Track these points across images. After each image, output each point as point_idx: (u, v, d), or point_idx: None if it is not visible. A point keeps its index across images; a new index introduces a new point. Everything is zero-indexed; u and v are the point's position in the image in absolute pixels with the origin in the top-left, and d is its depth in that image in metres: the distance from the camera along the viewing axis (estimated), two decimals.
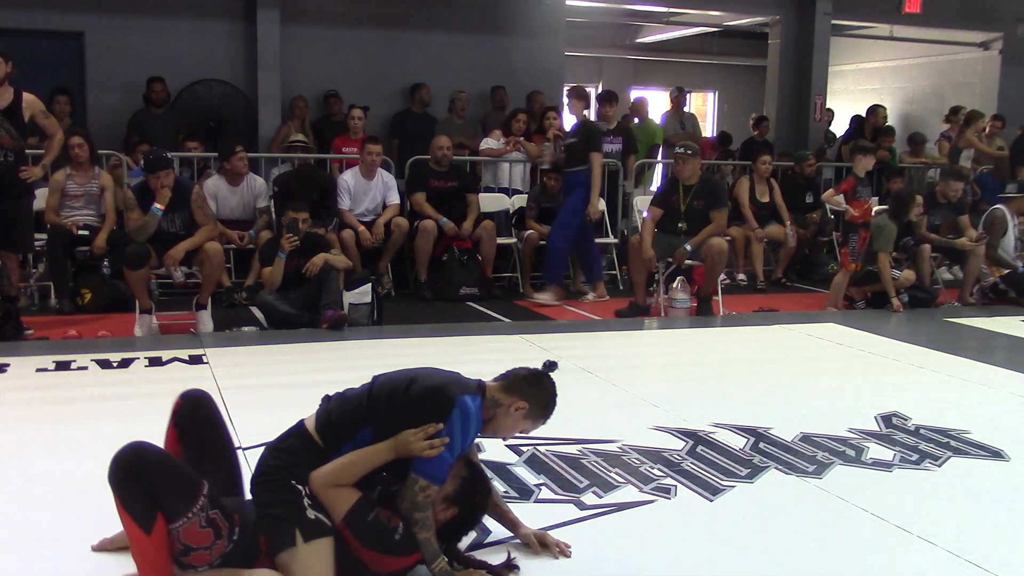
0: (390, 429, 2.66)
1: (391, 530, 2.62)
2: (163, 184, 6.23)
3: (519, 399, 2.79)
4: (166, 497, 2.50)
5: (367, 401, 2.73)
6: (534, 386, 2.83)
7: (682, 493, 3.52)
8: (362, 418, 2.70)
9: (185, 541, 2.53)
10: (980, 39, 13.53)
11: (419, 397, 2.69)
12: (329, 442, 2.70)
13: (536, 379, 2.85)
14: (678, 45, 16.10)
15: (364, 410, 2.72)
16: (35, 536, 3.03)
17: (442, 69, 10.27)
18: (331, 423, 2.73)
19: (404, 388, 2.71)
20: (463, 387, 2.74)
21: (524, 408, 2.80)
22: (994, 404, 4.94)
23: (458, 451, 2.69)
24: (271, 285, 6.59)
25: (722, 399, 4.83)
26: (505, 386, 2.82)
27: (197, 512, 2.53)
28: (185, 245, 6.33)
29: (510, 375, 2.87)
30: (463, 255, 8.08)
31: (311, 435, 2.72)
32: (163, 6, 9.57)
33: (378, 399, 2.72)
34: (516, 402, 2.79)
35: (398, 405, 2.69)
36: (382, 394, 2.73)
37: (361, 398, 2.76)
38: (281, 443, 2.75)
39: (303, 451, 2.70)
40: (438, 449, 2.62)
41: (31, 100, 6.39)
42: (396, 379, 2.78)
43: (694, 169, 7.33)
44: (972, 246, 8.28)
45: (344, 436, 2.70)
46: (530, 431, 2.93)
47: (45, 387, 4.93)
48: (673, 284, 7.48)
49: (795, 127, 11.73)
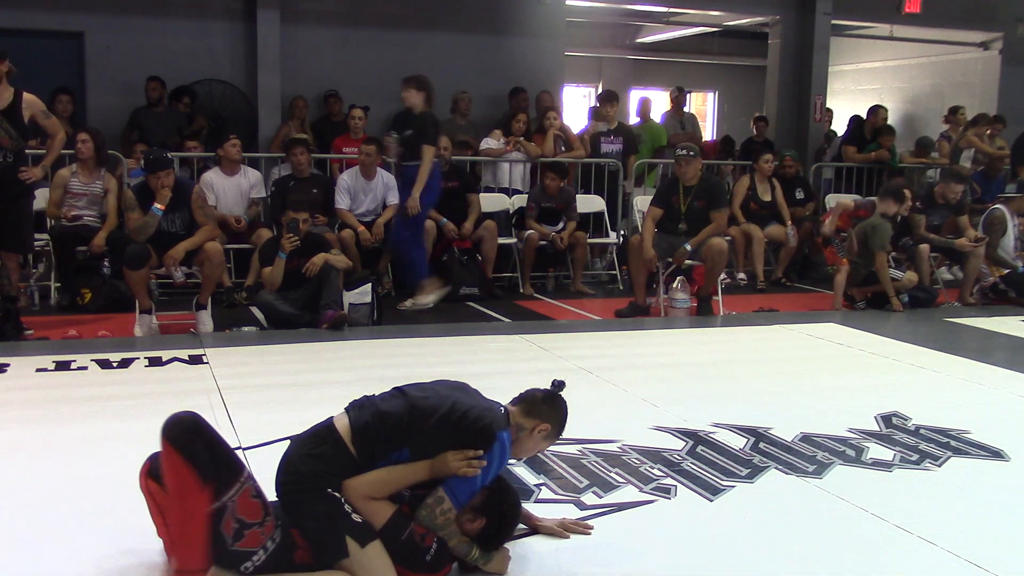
0: (428, 452, 2.73)
1: (424, 550, 2.69)
2: (163, 184, 6.23)
3: (541, 421, 2.90)
4: (221, 461, 2.51)
5: (407, 423, 2.75)
6: (552, 407, 2.94)
7: (682, 493, 3.52)
8: (401, 439, 2.74)
9: (240, 516, 2.52)
10: (980, 39, 13.54)
11: (462, 427, 2.75)
12: (364, 455, 2.71)
13: (552, 399, 2.96)
14: (678, 45, 16.10)
15: (404, 431, 2.74)
16: (35, 536, 3.02)
17: (442, 69, 10.23)
18: (369, 438, 2.72)
19: (445, 414, 2.76)
20: (498, 421, 2.82)
21: (547, 430, 2.92)
22: (994, 404, 4.94)
23: (487, 482, 2.77)
24: (271, 285, 6.59)
25: (722, 399, 4.83)
26: (526, 410, 2.91)
27: (246, 480, 2.55)
28: (185, 245, 6.33)
29: (527, 398, 2.96)
30: (463, 255, 8.08)
31: (346, 445, 2.70)
32: (163, 6, 9.56)
33: (419, 422, 2.75)
34: (539, 424, 2.90)
35: (439, 431, 2.74)
36: (423, 417, 2.76)
37: (400, 418, 2.75)
38: (313, 449, 2.71)
39: (336, 460, 2.69)
40: (475, 470, 2.71)
41: (31, 100, 6.37)
42: (434, 402, 2.80)
43: (695, 170, 7.34)
44: (972, 246, 8.28)
45: (381, 453, 2.73)
46: (544, 450, 3.08)
47: (45, 387, 4.93)
48: (673, 284, 7.48)
49: (795, 127, 11.74)
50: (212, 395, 4.66)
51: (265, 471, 2.81)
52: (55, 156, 6.65)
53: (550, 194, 8.54)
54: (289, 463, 2.72)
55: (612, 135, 9.70)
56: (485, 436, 2.74)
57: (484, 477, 2.74)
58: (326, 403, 4.57)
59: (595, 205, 9.22)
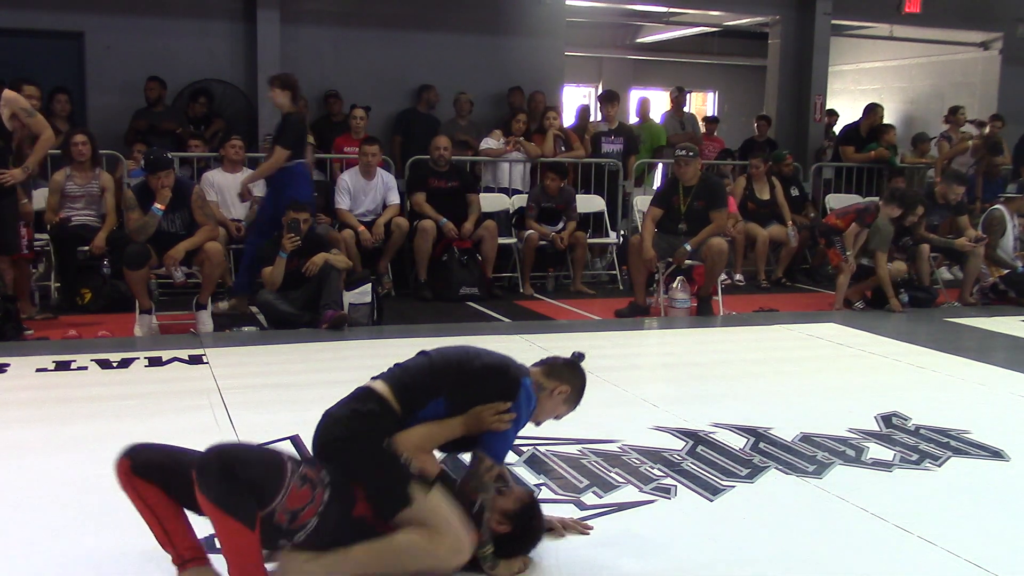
0: (461, 400, 2.79)
1: (471, 503, 2.77)
2: (163, 184, 6.23)
3: (561, 383, 2.98)
4: (261, 482, 2.50)
5: (439, 372, 2.84)
6: (573, 372, 3.04)
7: (682, 493, 3.52)
8: (435, 388, 2.80)
9: (290, 508, 2.54)
10: (980, 39, 13.53)
11: (488, 373, 2.85)
12: (406, 408, 2.76)
13: (574, 366, 3.06)
14: (678, 45, 16.10)
15: (437, 380, 2.82)
16: (35, 536, 3.02)
17: (442, 69, 10.27)
18: (408, 391, 2.78)
19: (471, 362, 2.87)
20: (520, 369, 2.91)
21: (566, 392, 2.99)
22: (994, 404, 4.94)
23: (519, 429, 2.86)
24: (271, 285, 6.59)
25: (722, 399, 4.83)
26: (547, 371, 3.00)
27: (291, 478, 2.55)
28: (185, 245, 6.33)
29: (549, 361, 3.05)
30: (463, 255, 8.08)
31: (389, 401, 2.75)
32: (163, 6, 9.56)
33: (446, 372, 2.84)
34: (559, 386, 2.97)
35: (468, 378, 2.83)
36: (449, 367, 2.85)
37: (431, 369, 2.85)
38: (361, 407, 2.75)
39: (385, 416, 2.74)
40: (507, 424, 2.78)
41: (10, 97, 6.25)
42: (459, 353, 2.91)
43: (695, 170, 7.34)
44: (972, 247, 8.28)
45: (419, 403, 2.77)
46: (563, 416, 3.09)
47: (45, 387, 4.93)
48: (673, 284, 7.48)
49: (795, 127, 11.74)
50: (212, 395, 4.66)
51: None
52: (40, 156, 6.52)
53: (550, 194, 8.54)
54: (337, 423, 2.75)
55: (612, 135, 9.71)
56: (510, 382, 2.83)
57: (515, 428, 2.84)
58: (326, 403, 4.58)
59: (595, 205, 9.22)
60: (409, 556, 2.64)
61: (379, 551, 2.63)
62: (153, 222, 6.27)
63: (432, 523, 2.64)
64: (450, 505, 2.69)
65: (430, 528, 2.64)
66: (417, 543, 2.63)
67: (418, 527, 2.64)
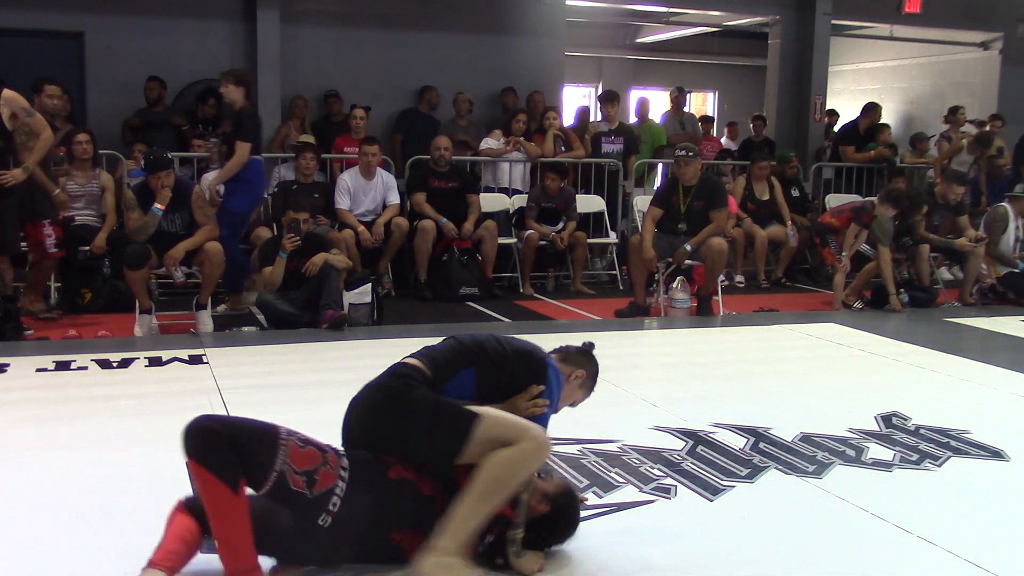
0: (491, 376, 2.87)
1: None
2: (163, 184, 6.23)
3: (578, 368, 3.12)
4: (249, 449, 2.50)
5: (465, 349, 2.90)
6: (588, 359, 3.19)
7: (682, 493, 3.52)
8: (466, 360, 2.86)
9: (300, 468, 2.54)
10: (980, 39, 13.54)
11: (518, 354, 2.94)
12: (436, 376, 2.80)
13: (587, 353, 3.21)
14: (678, 45, 16.10)
15: (468, 355, 2.88)
16: (35, 536, 3.02)
17: (442, 69, 10.28)
18: (436, 362, 2.83)
19: (500, 343, 2.94)
20: (542, 351, 3.03)
21: (582, 376, 3.14)
22: (994, 404, 4.94)
23: (553, 412, 2.97)
24: (271, 285, 6.59)
25: (722, 399, 4.83)
26: (563, 358, 3.12)
27: (287, 439, 2.56)
28: (185, 245, 6.33)
29: (563, 349, 3.17)
30: (463, 255, 8.08)
31: (423, 370, 2.80)
32: (163, 6, 9.56)
33: (477, 348, 2.90)
34: (576, 371, 3.11)
35: (499, 356, 2.90)
36: (479, 345, 2.91)
37: (454, 348, 2.90)
38: (400, 369, 2.80)
39: (417, 377, 2.78)
40: (543, 408, 2.88)
41: (10, 97, 6.24)
42: (487, 335, 2.97)
43: (695, 171, 7.34)
44: (972, 247, 8.28)
45: (449, 373, 2.82)
46: (579, 403, 3.22)
47: (45, 387, 4.93)
48: (673, 284, 7.48)
49: (795, 127, 11.74)
50: (212, 395, 4.66)
51: None
52: (40, 156, 6.51)
53: (550, 194, 8.54)
54: (375, 390, 2.77)
55: (612, 135, 9.71)
56: (540, 363, 2.94)
57: (550, 411, 2.93)
58: (326, 403, 4.58)
59: (595, 205, 9.22)
60: (512, 473, 2.64)
61: (484, 490, 2.61)
62: (153, 222, 6.27)
63: (508, 434, 2.65)
64: (503, 415, 2.74)
65: (510, 439, 2.64)
66: (511, 457, 2.63)
67: (495, 445, 2.63)
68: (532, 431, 2.69)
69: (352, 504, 2.59)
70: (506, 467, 2.63)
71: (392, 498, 2.66)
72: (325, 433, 2.80)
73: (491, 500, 2.63)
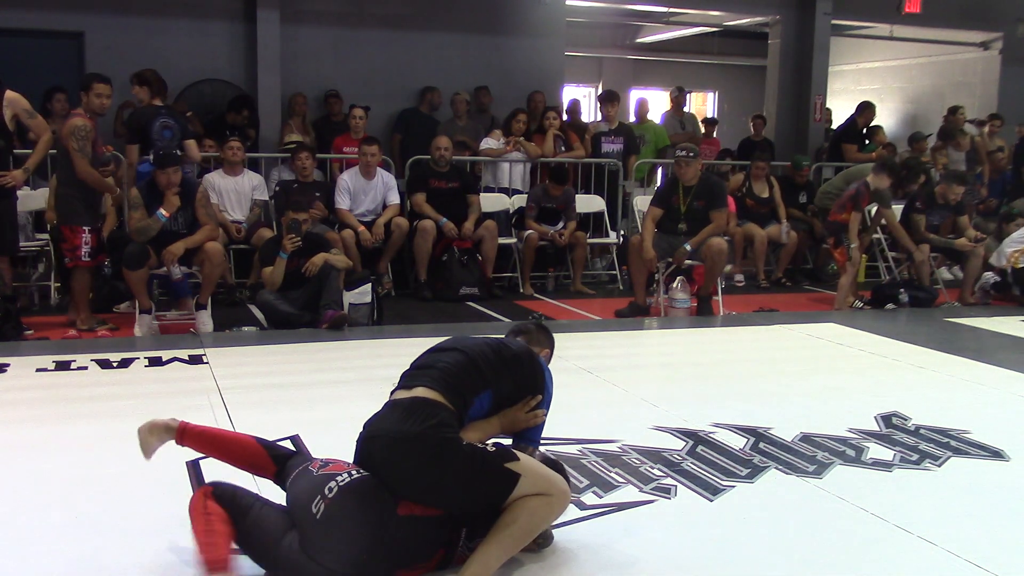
0: (504, 391, 2.92)
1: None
2: (171, 181, 6.24)
3: (544, 348, 3.26)
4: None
5: (477, 368, 2.87)
6: (547, 334, 3.33)
7: (682, 493, 3.52)
8: (482, 383, 2.87)
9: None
10: (980, 39, 13.54)
11: (518, 362, 2.97)
12: (460, 409, 2.81)
13: (542, 328, 3.35)
14: (678, 45, 16.10)
15: (482, 376, 2.88)
16: (35, 536, 3.02)
17: (442, 69, 10.28)
18: (455, 391, 2.80)
19: (500, 352, 2.95)
20: (530, 349, 3.09)
21: (548, 354, 3.29)
22: (994, 404, 4.94)
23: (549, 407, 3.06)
24: (272, 285, 6.59)
25: (722, 399, 4.83)
26: (529, 340, 3.22)
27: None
28: (185, 242, 6.33)
29: (524, 330, 3.28)
30: (463, 255, 8.08)
31: (447, 406, 2.75)
32: (163, 6, 9.56)
33: (487, 366, 2.89)
34: (543, 351, 3.24)
35: (506, 368, 2.93)
36: (487, 361, 2.90)
37: (465, 367, 2.86)
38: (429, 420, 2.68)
39: (453, 419, 2.75)
40: (542, 418, 3.00)
41: (12, 98, 6.25)
42: (485, 345, 2.96)
43: (695, 171, 7.34)
44: (972, 246, 8.28)
45: (469, 401, 2.84)
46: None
47: (45, 387, 4.93)
48: (673, 284, 7.48)
49: (795, 127, 11.74)
50: (212, 395, 4.66)
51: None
52: (40, 157, 6.52)
53: (551, 194, 8.54)
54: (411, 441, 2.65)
55: (612, 135, 9.71)
56: (537, 368, 3.02)
57: (547, 406, 3.03)
58: (326, 403, 4.61)
59: (595, 205, 9.22)
60: (542, 523, 2.78)
61: (517, 536, 2.71)
62: (156, 226, 6.28)
63: (540, 488, 2.72)
64: (536, 464, 2.81)
65: (539, 489, 2.71)
66: (544, 513, 2.75)
67: (530, 492, 2.70)
68: (560, 485, 2.79)
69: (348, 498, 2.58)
70: (538, 519, 2.75)
71: (403, 534, 2.63)
72: (325, 432, 2.80)
73: (519, 545, 2.75)
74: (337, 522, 2.56)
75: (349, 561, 2.55)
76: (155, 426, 2.94)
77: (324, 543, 2.56)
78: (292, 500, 2.70)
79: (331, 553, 2.55)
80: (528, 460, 2.78)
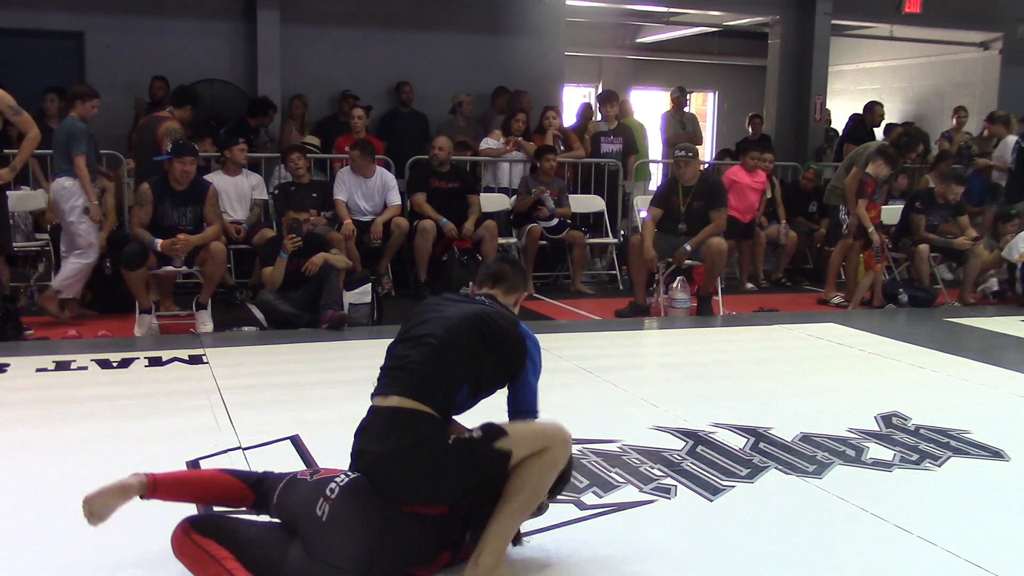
0: (483, 380, 2.81)
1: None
2: (187, 170, 6.33)
3: (521, 291, 3.14)
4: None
5: (448, 363, 2.74)
6: (521, 273, 3.18)
7: (682, 493, 3.52)
8: (455, 380, 2.75)
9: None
10: (980, 39, 13.54)
11: (503, 344, 2.82)
12: (440, 407, 2.72)
13: (516, 265, 3.19)
14: (678, 45, 16.09)
15: (453, 372, 2.75)
16: (35, 536, 3.02)
17: (442, 69, 10.28)
18: (429, 393, 2.70)
19: (483, 335, 2.79)
20: (507, 316, 2.92)
21: (524, 296, 3.19)
22: (994, 404, 4.94)
23: (539, 372, 2.92)
24: (272, 285, 6.59)
25: (722, 399, 4.83)
26: (506, 288, 3.08)
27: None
28: (197, 239, 6.36)
29: (499, 275, 3.08)
30: (463, 255, 8.07)
31: (427, 413, 2.67)
32: (163, 6, 9.58)
33: (459, 359, 2.75)
34: (520, 295, 3.13)
35: (483, 355, 2.79)
36: (460, 351, 2.75)
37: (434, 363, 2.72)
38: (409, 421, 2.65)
39: (438, 428, 2.69)
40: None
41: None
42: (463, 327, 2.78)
43: (695, 171, 7.34)
44: (971, 246, 8.28)
45: (449, 401, 2.74)
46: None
47: (45, 387, 4.93)
48: (673, 284, 7.49)
49: (795, 127, 11.74)
50: (212, 395, 4.66)
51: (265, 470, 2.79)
52: (27, 156, 6.49)
53: (542, 181, 8.54)
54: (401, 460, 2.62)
55: (612, 135, 9.71)
56: (516, 340, 2.85)
57: (535, 373, 2.89)
58: (326, 403, 4.61)
59: (595, 205, 9.22)
60: (546, 481, 2.70)
61: (523, 503, 2.68)
62: (151, 246, 6.27)
63: (535, 446, 2.68)
64: (523, 425, 2.77)
65: (535, 447, 2.68)
66: (544, 469, 2.68)
67: (526, 454, 2.67)
68: (555, 436, 2.71)
69: (350, 496, 2.58)
70: (540, 479, 2.69)
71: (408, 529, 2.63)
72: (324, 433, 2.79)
73: (528, 509, 2.72)
74: (343, 520, 2.56)
75: (359, 557, 2.54)
76: (109, 489, 2.69)
77: (332, 543, 2.55)
78: (289, 510, 2.67)
79: (341, 552, 2.54)
80: (516, 428, 2.73)
